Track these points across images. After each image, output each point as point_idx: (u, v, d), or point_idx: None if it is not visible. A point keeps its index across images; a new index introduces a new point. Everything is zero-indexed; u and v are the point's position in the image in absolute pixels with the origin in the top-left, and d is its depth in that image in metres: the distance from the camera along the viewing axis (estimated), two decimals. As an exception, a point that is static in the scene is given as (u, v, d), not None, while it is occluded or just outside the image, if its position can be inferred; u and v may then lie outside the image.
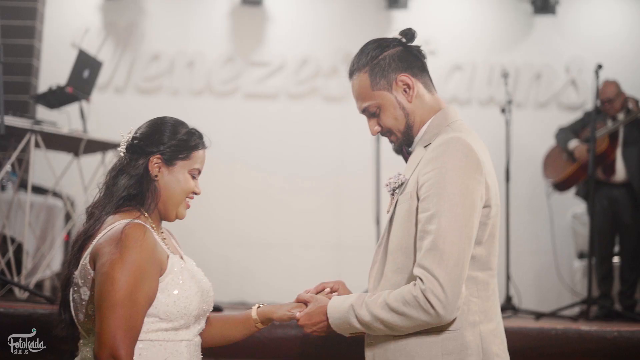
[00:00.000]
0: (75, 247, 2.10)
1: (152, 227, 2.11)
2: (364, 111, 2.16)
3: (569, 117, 6.58)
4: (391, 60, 2.12)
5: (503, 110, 5.74)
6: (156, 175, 2.12)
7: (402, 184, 2.08)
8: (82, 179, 5.20)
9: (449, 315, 1.92)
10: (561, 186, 5.93)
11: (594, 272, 5.50)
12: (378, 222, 5.82)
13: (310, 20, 7.41)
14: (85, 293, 2.03)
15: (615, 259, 5.83)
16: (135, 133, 2.18)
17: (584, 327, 3.86)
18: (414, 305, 1.92)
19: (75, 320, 2.09)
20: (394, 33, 2.18)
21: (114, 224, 2.03)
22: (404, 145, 2.17)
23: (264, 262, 6.93)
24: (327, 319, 2.10)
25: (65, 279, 2.12)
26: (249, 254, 6.93)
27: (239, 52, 7.31)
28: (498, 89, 7.06)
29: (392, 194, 2.11)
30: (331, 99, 7.26)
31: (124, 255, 1.94)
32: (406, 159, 2.17)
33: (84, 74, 5.02)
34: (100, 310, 1.92)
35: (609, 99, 5.57)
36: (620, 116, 5.63)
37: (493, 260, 2.06)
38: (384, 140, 5.72)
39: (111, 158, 5.16)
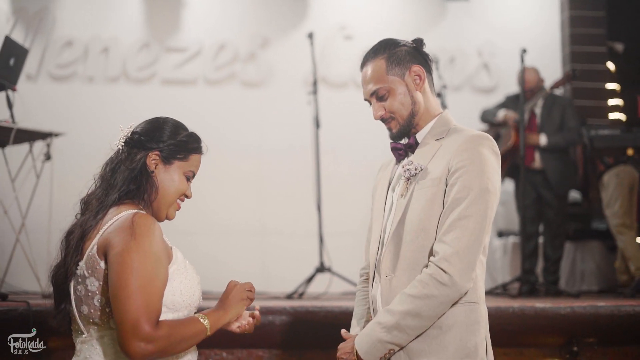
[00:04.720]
0: (74, 238, 2.04)
1: None
2: (372, 94, 2.30)
3: (483, 100, 6.77)
4: (406, 54, 2.32)
5: (439, 95, 5.78)
6: (152, 171, 2.12)
7: (420, 170, 2.21)
8: (9, 171, 5.07)
9: (463, 282, 2.07)
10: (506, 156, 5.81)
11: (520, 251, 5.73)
12: (319, 208, 5.58)
13: (227, 5, 7.36)
14: (92, 284, 1.98)
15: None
16: (136, 128, 2.16)
17: (538, 304, 3.99)
18: (431, 283, 2.07)
19: (77, 315, 2.03)
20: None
21: (121, 214, 2.01)
22: (404, 136, 2.30)
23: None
24: (355, 351, 2.16)
25: (61, 269, 2.06)
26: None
27: (154, 37, 7.21)
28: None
29: (408, 180, 2.23)
30: (249, 85, 7.25)
31: (138, 242, 1.92)
32: (399, 154, 2.32)
33: (10, 62, 4.85)
34: (119, 299, 1.88)
35: (530, 86, 5.78)
36: (539, 102, 5.83)
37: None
38: (323, 128, 5.76)
39: (40, 148, 5.04)
